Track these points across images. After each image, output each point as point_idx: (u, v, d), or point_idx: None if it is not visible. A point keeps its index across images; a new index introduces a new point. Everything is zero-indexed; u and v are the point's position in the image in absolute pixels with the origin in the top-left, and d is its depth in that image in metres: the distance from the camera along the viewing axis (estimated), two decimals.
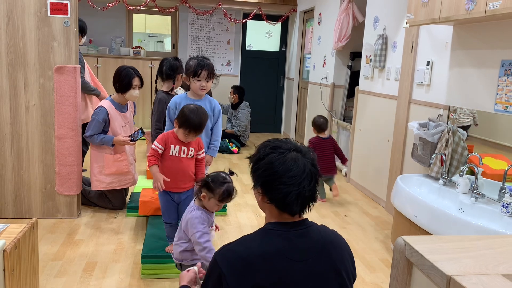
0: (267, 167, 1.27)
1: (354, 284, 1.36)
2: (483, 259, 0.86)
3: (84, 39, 4.10)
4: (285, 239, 1.24)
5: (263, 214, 2.45)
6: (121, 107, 3.58)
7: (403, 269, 0.92)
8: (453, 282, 0.76)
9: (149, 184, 4.11)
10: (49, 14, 3.25)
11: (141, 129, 3.59)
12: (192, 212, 2.14)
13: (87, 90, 3.95)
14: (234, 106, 6.73)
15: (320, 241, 1.27)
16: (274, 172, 1.25)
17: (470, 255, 0.86)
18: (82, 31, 3.97)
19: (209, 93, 3.95)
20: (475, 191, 2.73)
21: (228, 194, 2.10)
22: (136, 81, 3.52)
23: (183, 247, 2.22)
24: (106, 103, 3.49)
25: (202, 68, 2.76)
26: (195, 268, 1.57)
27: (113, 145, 3.49)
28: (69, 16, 3.27)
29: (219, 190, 2.07)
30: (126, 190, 3.89)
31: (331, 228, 1.40)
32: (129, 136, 3.49)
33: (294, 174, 1.24)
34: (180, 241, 2.23)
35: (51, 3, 3.23)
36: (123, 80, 3.48)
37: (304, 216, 1.32)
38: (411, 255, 0.91)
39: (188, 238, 2.18)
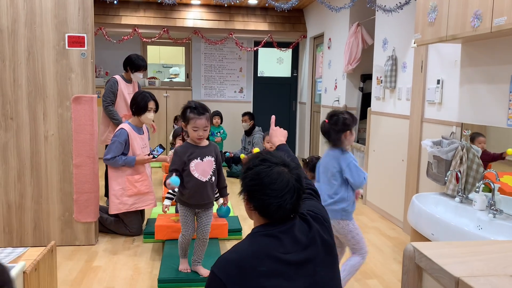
0: (253, 177, 1.37)
1: None
2: (492, 262, 0.86)
3: (139, 74, 4.54)
4: (271, 237, 1.34)
5: None
6: (138, 129, 3.72)
7: (413, 275, 0.92)
8: (462, 284, 0.76)
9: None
10: (67, 47, 3.38)
11: (160, 145, 3.72)
12: None
13: (111, 117, 4.35)
14: (248, 133, 6.79)
15: (305, 231, 1.39)
16: (259, 183, 1.35)
17: (479, 259, 0.86)
18: (133, 66, 4.48)
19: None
20: (493, 207, 2.69)
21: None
22: (151, 104, 3.68)
23: None
24: (125, 126, 3.64)
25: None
26: None
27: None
28: (85, 48, 3.40)
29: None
30: (142, 215, 3.94)
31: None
32: (149, 154, 3.64)
33: (277, 187, 1.33)
34: None
35: (69, 36, 3.37)
36: (140, 103, 3.65)
37: None
38: (420, 261, 0.91)
39: None
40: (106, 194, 4.41)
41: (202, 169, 2.71)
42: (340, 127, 2.48)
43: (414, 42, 3.31)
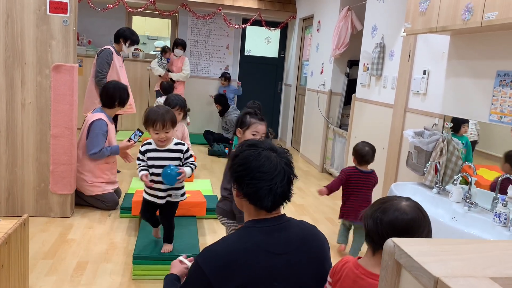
0: (241, 162, 1.32)
1: None
2: (472, 262, 0.85)
3: (131, 49, 4.53)
4: (264, 234, 1.28)
5: None
6: (109, 118, 3.73)
7: (391, 270, 0.91)
8: (441, 284, 0.75)
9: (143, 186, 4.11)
10: (48, 13, 3.25)
11: (138, 129, 3.68)
12: None
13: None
14: (221, 113, 6.72)
15: (299, 234, 1.32)
16: (247, 167, 1.30)
17: (459, 258, 0.86)
18: (129, 40, 4.43)
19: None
20: (468, 200, 2.73)
21: None
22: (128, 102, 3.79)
23: None
24: (102, 116, 3.61)
25: None
26: (187, 262, 1.57)
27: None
28: (68, 15, 3.28)
29: None
30: (119, 190, 3.90)
31: (324, 233, 1.44)
32: (129, 140, 3.62)
33: (266, 170, 1.29)
34: None
35: (50, 1, 3.24)
36: (115, 100, 3.69)
37: (282, 212, 1.38)
38: (400, 257, 0.90)
39: None
40: None
41: None
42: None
43: (404, 31, 3.29)
